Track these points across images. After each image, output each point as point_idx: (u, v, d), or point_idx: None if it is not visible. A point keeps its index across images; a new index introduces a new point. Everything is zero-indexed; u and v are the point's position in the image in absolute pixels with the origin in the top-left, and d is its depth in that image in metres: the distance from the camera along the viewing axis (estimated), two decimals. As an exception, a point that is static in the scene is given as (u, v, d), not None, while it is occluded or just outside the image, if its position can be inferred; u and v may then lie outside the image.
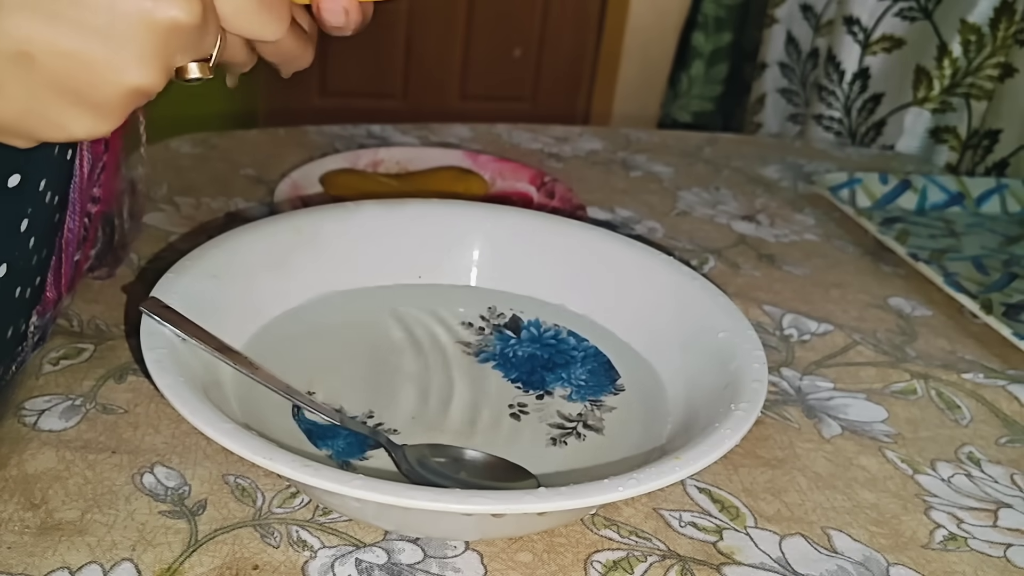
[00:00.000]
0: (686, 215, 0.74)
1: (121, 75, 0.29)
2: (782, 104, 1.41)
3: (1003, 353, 0.57)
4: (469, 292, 0.54)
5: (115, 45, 0.29)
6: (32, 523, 0.36)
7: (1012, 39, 0.97)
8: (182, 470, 0.40)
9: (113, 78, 0.29)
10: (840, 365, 0.54)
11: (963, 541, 0.41)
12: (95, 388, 0.44)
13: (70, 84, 0.29)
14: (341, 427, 0.41)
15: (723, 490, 0.43)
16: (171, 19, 0.30)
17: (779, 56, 1.40)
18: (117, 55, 0.29)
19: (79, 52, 0.29)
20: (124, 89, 0.30)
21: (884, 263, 0.69)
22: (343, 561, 0.36)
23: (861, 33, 1.15)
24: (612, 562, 0.37)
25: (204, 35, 0.31)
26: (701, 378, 0.44)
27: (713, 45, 1.82)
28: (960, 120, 1.04)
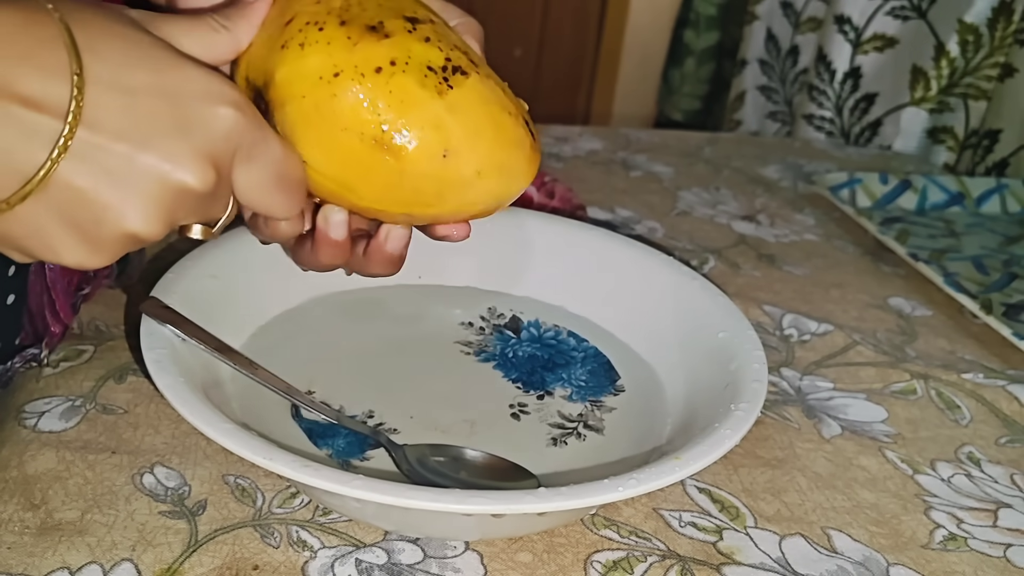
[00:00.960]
0: (686, 215, 0.74)
1: (123, 220, 0.30)
2: (761, 101, 1.40)
3: (1003, 353, 0.57)
4: (469, 292, 0.54)
5: (125, 192, 0.29)
6: (32, 523, 0.36)
7: (1012, 39, 0.97)
8: (182, 470, 0.40)
9: (115, 221, 0.30)
10: (840, 365, 0.54)
11: (963, 541, 0.41)
12: (95, 389, 0.44)
13: (75, 217, 0.29)
14: (341, 427, 0.41)
15: (723, 490, 0.43)
16: (183, 183, 0.30)
17: (759, 53, 1.40)
18: (125, 202, 0.29)
19: (91, 190, 0.29)
20: (123, 233, 0.30)
21: (884, 263, 0.69)
22: (343, 561, 0.36)
23: (852, 32, 1.15)
24: (612, 562, 0.37)
25: (214, 203, 0.32)
26: (701, 378, 0.44)
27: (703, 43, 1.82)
28: (958, 120, 1.04)
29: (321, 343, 0.48)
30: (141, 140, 0.29)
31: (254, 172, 0.33)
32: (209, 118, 0.31)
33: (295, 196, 0.35)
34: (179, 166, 0.30)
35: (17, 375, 0.45)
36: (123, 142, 0.29)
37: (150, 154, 0.29)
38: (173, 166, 0.30)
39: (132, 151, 0.29)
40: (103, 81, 0.29)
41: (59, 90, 0.28)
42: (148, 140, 0.29)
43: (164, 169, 0.30)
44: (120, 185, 0.29)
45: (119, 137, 0.29)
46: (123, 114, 0.29)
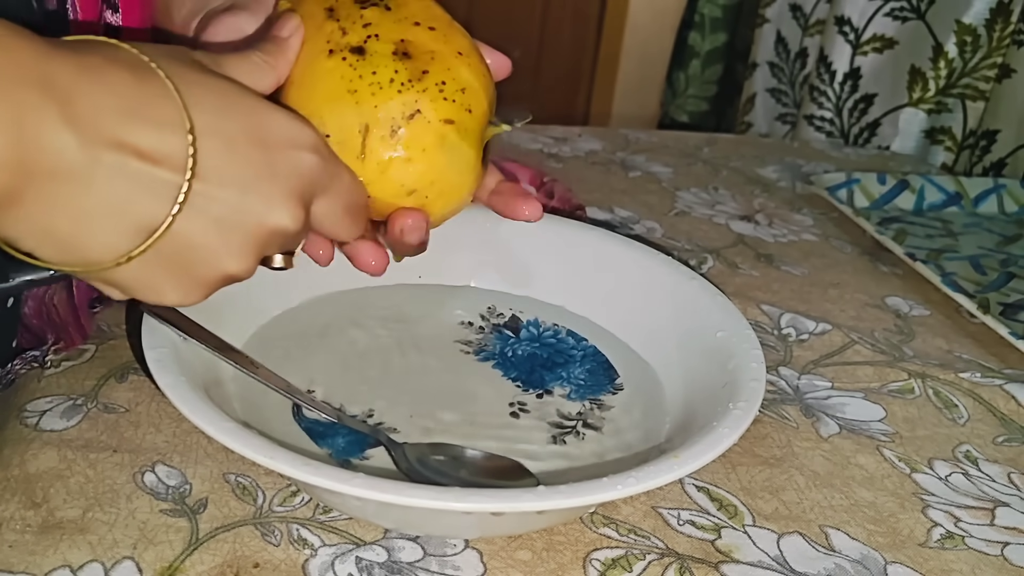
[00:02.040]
0: (685, 215, 0.75)
1: (225, 263, 0.32)
2: (771, 104, 1.41)
3: (1000, 352, 0.57)
4: (468, 292, 0.54)
5: (228, 237, 0.31)
6: (34, 522, 0.36)
7: (1009, 40, 0.98)
8: (183, 469, 0.40)
9: (218, 264, 0.32)
10: (838, 364, 0.54)
11: (960, 539, 0.41)
12: (96, 388, 0.45)
13: (182, 262, 0.31)
14: (341, 426, 0.41)
15: (721, 488, 0.43)
16: (280, 225, 0.32)
17: (769, 56, 1.40)
18: (227, 246, 0.31)
19: (200, 238, 0.30)
20: (223, 275, 0.32)
21: (882, 263, 0.69)
22: (343, 559, 0.36)
23: (852, 33, 1.15)
24: (611, 560, 0.38)
25: (300, 237, 0.35)
26: (699, 377, 0.44)
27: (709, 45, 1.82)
28: (955, 121, 1.04)
29: (321, 342, 0.48)
30: (242, 187, 0.31)
31: (329, 203, 0.35)
32: (297, 162, 0.33)
33: (362, 219, 0.38)
34: (275, 209, 0.32)
35: (18, 377, 0.45)
36: (228, 188, 0.30)
37: (250, 199, 0.31)
38: (270, 209, 0.32)
39: (236, 198, 0.31)
40: (208, 131, 0.30)
41: (176, 144, 0.29)
42: (248, 186, 0.31)
43: (263, 212, 0.31)
44: (224, 231, 0.31)
45: (223, 184, 0.30)
46: (226, 162, 0.30)
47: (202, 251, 0.31)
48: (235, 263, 0.32)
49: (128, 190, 0.28)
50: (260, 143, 0.31)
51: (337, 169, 0.35)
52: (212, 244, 0.31)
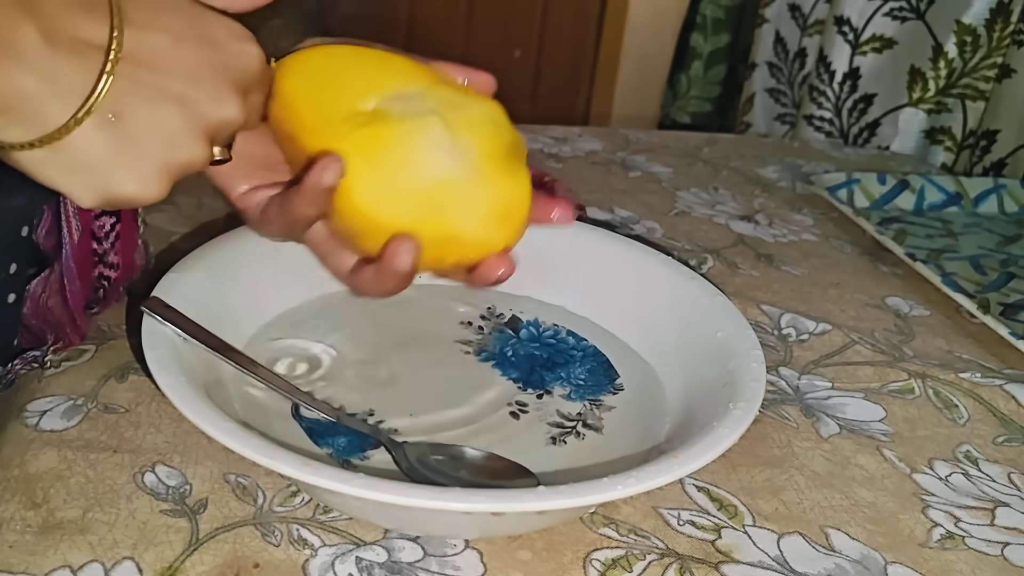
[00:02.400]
0: (685, 215, 0.75)
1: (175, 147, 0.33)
2: (770, 104, 1.41)
3: (1000, 352, 0.57)
4: (469, 292, 0.54)
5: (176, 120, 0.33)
6: (34, 522, 0.36)
7: (1009, 40, 0.98)
8: (183, 469, 0.40)
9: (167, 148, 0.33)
10: (838, 364, 0.54)
11: (960, 540, 0.41)
12: (96, 388, 0.45)
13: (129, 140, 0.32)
14: (341, 425, 0.41)
15: (721, 489, 0.43)
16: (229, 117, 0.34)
17: (768, 56, 1.40)
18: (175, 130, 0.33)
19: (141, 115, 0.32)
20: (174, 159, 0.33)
21: (882, 263, 0.69)
22: (343, 559, 0.36)
23: (851, 33, 1.15)
24: (611, 560, 0.38)
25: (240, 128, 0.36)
26: (699, 377, 0.44)
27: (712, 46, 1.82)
28: (955, 121, 1.04)
29: (321, 342, 0.48)
30: (191, 76, 0.33)
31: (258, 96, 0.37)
32: (241, 56, 0.35)
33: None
34: (224, 99, 0.34)
35: (19, 377, 0.45)
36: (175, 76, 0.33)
37: (199, 89, 0.33)
38: (219, 99, 0.34)
39: (184, 86, 0.33)
40: (150, 25, 0.32)
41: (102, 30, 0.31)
42: (196, 76, 0.33)
43: (211, 102, 0.33)
44: (173, 116, 0.33)
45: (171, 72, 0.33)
46: (172, 52, 0.33)
47: (151, 134, 0.32)
48: (186, 148, 0.33)
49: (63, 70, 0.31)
50: (200, 37, 0.34)
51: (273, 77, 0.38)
52: (161, 127, 0.32)
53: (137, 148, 0.33)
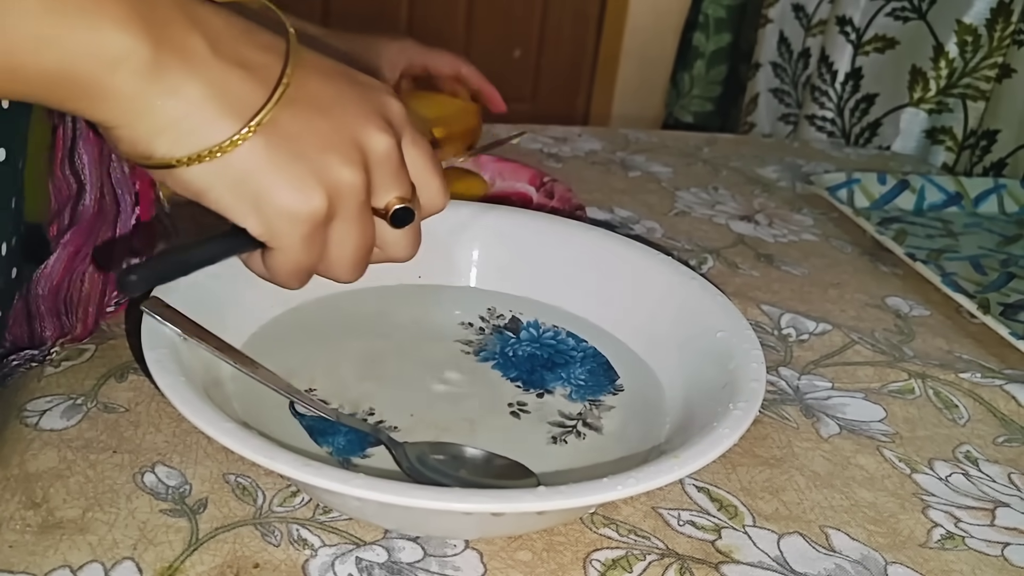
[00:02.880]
0: (685, 215, 0.75)
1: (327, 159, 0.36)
2: (774, 104, 1.41)
3: (1000, 352, 0.57)
4: (468, 293, 0.54)
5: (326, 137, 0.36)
6: (33, 522, 0.36)
7: (1010, 40, 0.98)
8: (183, 469, 0.40)
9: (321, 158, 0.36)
10: (838, 364, 0.54)
11: (961, 540, 0.41)
12: (96, 387, 0.45)
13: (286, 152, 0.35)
14: (342, 424, 0.41)
15: (721, 489, 0.43)
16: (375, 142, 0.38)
17: (772, 56, 1.40)
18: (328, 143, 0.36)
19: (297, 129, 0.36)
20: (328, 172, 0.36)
21: (882, 263, 0.69)
22: (343, 560, 0.36)
23: (853, 33, 1.15)
24: (611, 560, 0.38)
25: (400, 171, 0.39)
26: (700, 378, 0.44)
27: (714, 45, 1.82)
28: (956, 121, 1.04)
29: (321, 342, 0.48)
30: (340, 103, 0.37)
31: (419, 154, 0.40)
32: (384, 99, 0.39)
33: (445, 182, 0.42)
34: (369, 125, 0.37)
35: (16, 374, 0.45)
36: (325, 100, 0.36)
37: (346, 113, 0.37)
38: (365, 124, 0.37)
39: (333, 109, 0.36)
40: (307, 64, 0.36)
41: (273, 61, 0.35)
42: (344, 103, 0.37)
43: (357, 125, 0.37)
44: (325, 133, 0.36)
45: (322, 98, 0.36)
46: (323, 85, 0.37)
47: (306, 144, 0.35)
48: (338, 163, 0.36)
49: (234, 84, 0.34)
50: (351, 79, 0.38)
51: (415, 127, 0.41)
52: (314, 137, 0.35)
53: (294, 160, 0.35)
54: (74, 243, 0.46)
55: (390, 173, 0.38)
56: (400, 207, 0.39)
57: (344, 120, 0.36)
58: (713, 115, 1.87)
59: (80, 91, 0.31)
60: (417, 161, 0.40)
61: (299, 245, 0.36)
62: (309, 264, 0.38)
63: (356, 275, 0.40)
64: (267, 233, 0.36)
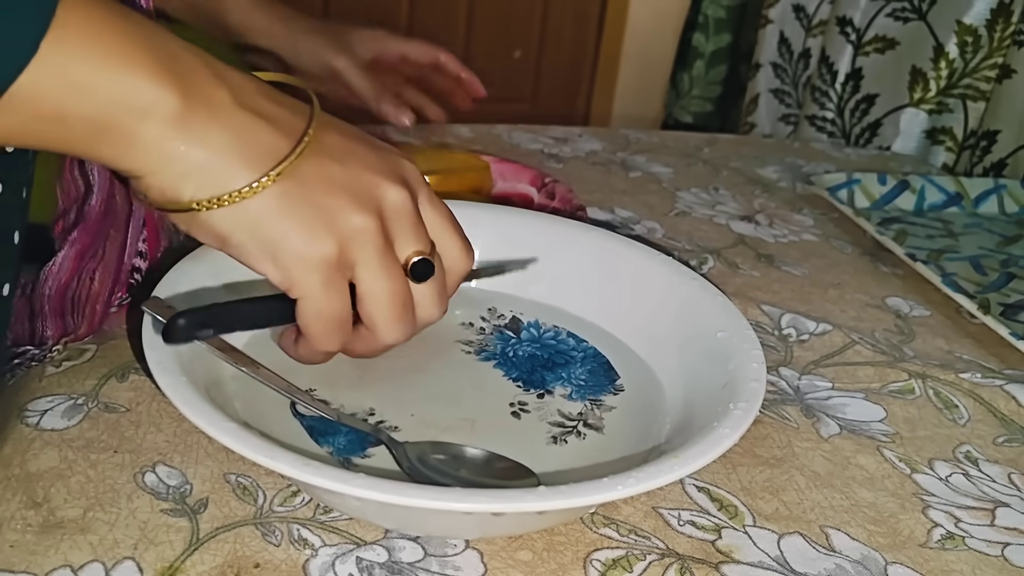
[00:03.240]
0: (685, 215, 0.75)
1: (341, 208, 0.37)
2: (775, 104, 1.41)
3: (1000, 353, 0.57)
4: (469, 293, 0.54)
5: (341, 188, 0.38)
6: (34, 521, 0.36)
7: (1010, 40, 0.98)
8: (184, 469, 0.40)
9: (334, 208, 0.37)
10: (838, 365, 0.54)
11: (961, 540, 0.41)
12: (97, 387, 0.45)
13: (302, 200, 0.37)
14: (342, 424, 0.41)
15: (722, 489, 0.43)
16: (391, 197, 0.39)
17: (772, 56, 1.40)
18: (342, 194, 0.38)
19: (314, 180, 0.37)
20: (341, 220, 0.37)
21: (882, 263, 0.69)
22: (344, 559, 0.36)
23: (854, 33, 1.15)
24: (611, 560, 0.38)
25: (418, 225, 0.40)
26: (700, 378, 0.44)
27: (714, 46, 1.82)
28: (956, 121, 1.04)
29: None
30: (356, 159, 0.38)
31: (437, 214, 0.41)
32: (399, 160, 0.40)
33: (468, 242, 0.43)
34: (385, 180, 0.38)
35: (18, 373, 0.45)
36: (344, 155, 0.38)
37: (362, 166, 0.38)
38: (381, 179, 0.38)
39: (350, 163, 0.38)
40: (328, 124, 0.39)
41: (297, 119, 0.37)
42: (360, 159, 0.38)
43: (373, 179, 0.38)
44: (340, 184, 0.37)
45: (342, 152, 0.38)
46: (343, 142, 0.39)
47: (321, 196, 0.36)
48: (350, 209, 0.37)
49: (257, 134, 0.35)
50: (368, 141, 0.40)
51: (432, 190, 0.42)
52: (329, 187, 0.37)
53: (307, 206, 0.36)
54: (81, 241, 0.46)
55: (406, 226, 0.39)
56: (419, 259, 0.39)
57: (360, 172, 0.38)
58: (713, 115, 1.87)
59: (113, 139, 0.33)
60: (436, 220, 0.41)
61: (319, 291, 0.37)
62: (336, 314, 0.38)
63: (400, 331, 0.40)
64: (285, 280, 0.37)
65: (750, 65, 1.46)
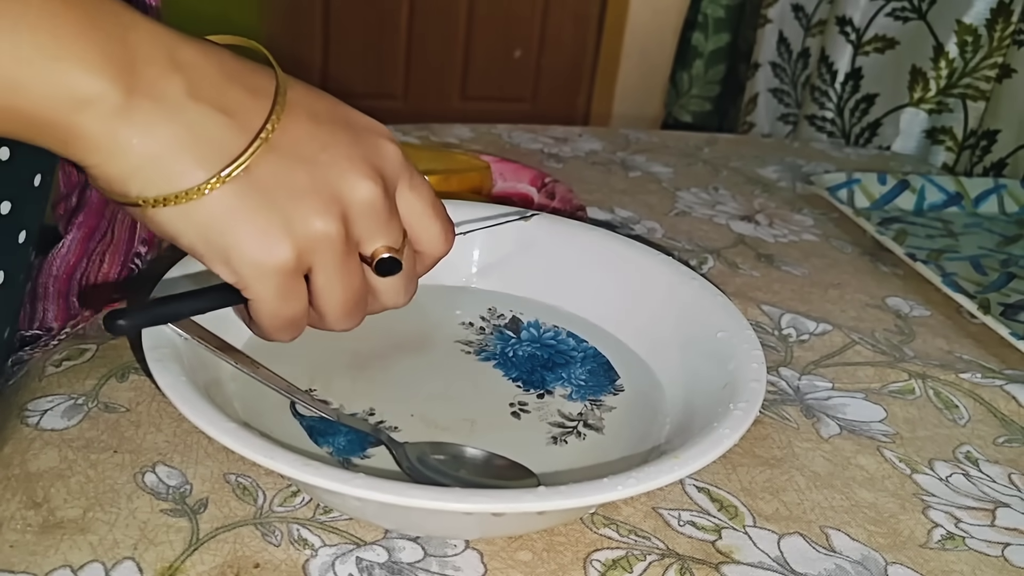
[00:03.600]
0: (685, 215, 0.75)
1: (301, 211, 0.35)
2: (774, 104, 1.41)
3: (1001, 353, 0.57)
4: (469, 293, 0.54)
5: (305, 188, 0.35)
6: (34, 522, 0.36)
7: (1010, 40, 0.98)
8: (183, 469, 0.40)
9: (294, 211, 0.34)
10: (838, 365, 0.54)
11: (961, 540, 0.41)
12: (97, 387, 0.45)
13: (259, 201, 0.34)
14: (342, 424, 0.41)
15: (722, 489, 0.43)
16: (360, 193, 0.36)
17: (771, 56, 1.40)
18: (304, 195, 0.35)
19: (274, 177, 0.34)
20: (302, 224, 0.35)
21: (882, 263, 0.69)
22: (344, 559, 0.36)
23: (853, 33, 1.15)
24: (611, 561, 0.38)
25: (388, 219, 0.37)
26: (700, 378, 0.44)
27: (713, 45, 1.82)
28: (956, 121, 1.04)
29: (322, 342, 0.48)
30: (324, 148, 0.35)
31: (417, 198, 0.39)
32: (378, 144, 0.37)
33: (448, 225, 0.41)
34: (354, 174, 0.35)
35: (22, 369, 0.45)
36: (311, 147, 0.35)
37: (331, 160, 0.35)
38: (350, 173, 0.35)
39: (317, 155, 0.35)
40: (296, 104, 0.35)
41: (259, 105, 0.34)
42: (329, 149, 0.35)
43: (341, 175, 0.35)
44: (304, 184, 0.34)
45: (308, 142, 0.35)
46: (309, 129, 0.35)
47: (278, 194, 0.34)
48: (311, 214, 0.34)
49: (210, 130, 0.33)
50: (345, 123, 0.36)
51: (415, 170, 0.39)
52: (287, 187, 0.34)
53: (264, 210, 0.34)
54: (87, 224, 0.46)
55: (374, 222, 0.36)
56: (385, 256, 0.37)
57: (326, 169, 0.35)
58: (711, 115, 1.87)
59: (51, 132, 0.31)
60: (415, 205, 0.39)
61: (273, 296, 0.35)
62: (290, 315, 0.37)
63: (349, 324, 0.39)
64: (240, 283, 0.35)
65: (749, 64, 1.47)
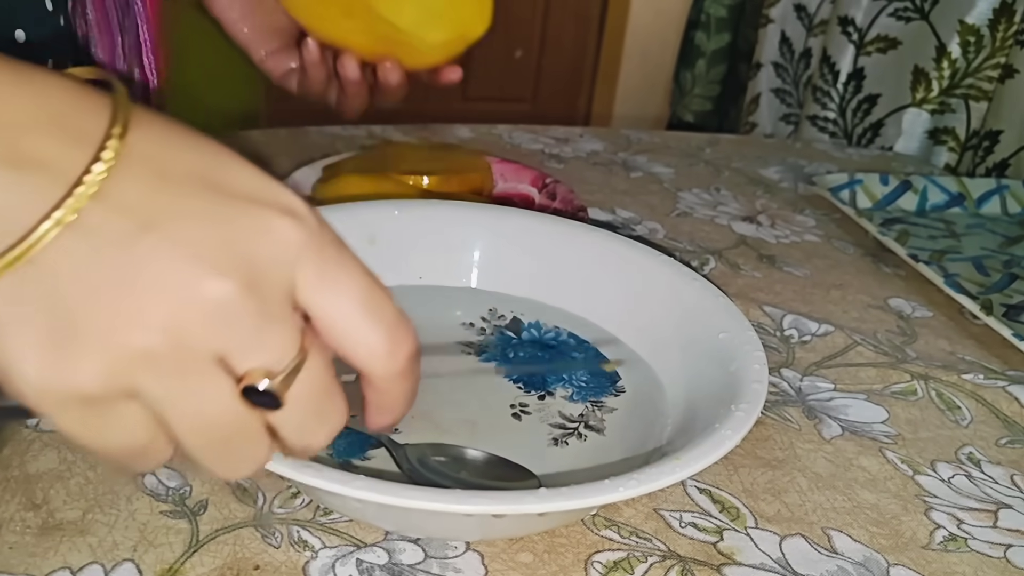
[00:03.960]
0: (687, 216, 0.74)
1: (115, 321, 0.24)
2: (776, 104, 1.41)
3: (1003, 354, 0.57)
4: (470, 294, 0.54)
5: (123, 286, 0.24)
6: (34, 523, 0.36)
7: (1012, 40, 0.97)
8: (183, 470, 0.40)
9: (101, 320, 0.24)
10: (840, 366, 0.54)
11: (963, 542, 0.41)
12: (97, 388, 0.44)
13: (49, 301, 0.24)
14: (342, 427, 0.41)
15: (723, 491, 0.43)
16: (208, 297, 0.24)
17: (773, 56, 1.40)
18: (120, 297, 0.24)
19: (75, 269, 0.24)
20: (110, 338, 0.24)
21: (884, 264, 0.69)
22: (344, 561, 0.36)
23: (856, 33, 1.15)
24: (612, 562, 0.38)
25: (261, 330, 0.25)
26: (701, 379, 0.44)
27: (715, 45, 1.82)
28: (959, 121, 1.04)
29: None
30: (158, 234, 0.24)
31: (335, 294, 0.27)
32: (260, 220, 0.25)
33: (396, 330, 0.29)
34: (196, 260, 0.24)
35: None
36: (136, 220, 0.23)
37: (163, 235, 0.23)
38: (192, 256, 0.24)
39: (152, 244, 0.23)
40: (139, 157, 0.24)
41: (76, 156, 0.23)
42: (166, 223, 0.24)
43: (180, 256, 0.24)
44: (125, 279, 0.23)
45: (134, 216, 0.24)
46: (149, 193, 0.24)
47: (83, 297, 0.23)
48: (129, 325, 0.23)
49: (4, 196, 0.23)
50: (212, 187, 0.25)
51: (341, 253, 0.27)
52: (96, 288, 0.23)
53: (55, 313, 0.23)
54: None
55: (234, 334, 0.24)
56: (252, 386, 0.25)
57: (154, 256, 0.23)
58: (712, 114, 1.87)
59: None
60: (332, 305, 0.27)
61: (81, 428, 0.25)
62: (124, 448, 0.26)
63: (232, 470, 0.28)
64: (34, 408, 0.24)
65: (750, 64, 1.46)
